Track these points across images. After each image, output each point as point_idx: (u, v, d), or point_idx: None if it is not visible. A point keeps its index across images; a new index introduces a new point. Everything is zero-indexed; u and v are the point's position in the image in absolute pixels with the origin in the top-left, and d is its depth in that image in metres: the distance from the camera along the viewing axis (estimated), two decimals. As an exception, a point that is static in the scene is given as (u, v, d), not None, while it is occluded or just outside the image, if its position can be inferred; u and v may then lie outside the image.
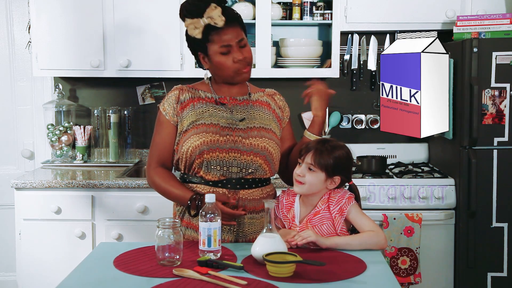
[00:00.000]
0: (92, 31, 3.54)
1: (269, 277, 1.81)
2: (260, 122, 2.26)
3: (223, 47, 2.16)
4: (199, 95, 2.28)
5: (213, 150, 2.17)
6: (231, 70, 2.20)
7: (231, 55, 2.17)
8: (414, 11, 3.56)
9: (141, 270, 1.89)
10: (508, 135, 3.26)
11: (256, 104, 2.30)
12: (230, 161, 2.19)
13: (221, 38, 2.15)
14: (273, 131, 2.27)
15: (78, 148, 3.82)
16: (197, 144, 2.17)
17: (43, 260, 3.31)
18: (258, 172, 2.23)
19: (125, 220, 3.31)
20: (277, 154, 2.27)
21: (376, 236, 2.08)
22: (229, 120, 2.23)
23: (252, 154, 2.20)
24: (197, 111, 2.23)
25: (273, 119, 2.31)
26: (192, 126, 2.22)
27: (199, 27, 2.13)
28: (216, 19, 2.11)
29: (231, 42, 2.16)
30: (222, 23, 2.12)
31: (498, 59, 3.22)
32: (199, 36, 2.15)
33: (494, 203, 3.29)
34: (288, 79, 3.84)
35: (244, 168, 2.20)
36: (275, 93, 2.40)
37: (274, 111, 2.33)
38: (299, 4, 3.65)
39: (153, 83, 3.90)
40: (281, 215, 2.20)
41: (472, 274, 3.32)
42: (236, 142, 2.20)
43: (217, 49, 2.17)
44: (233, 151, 2.19)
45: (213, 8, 2.11)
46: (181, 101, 2.26)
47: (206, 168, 2.19)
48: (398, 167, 3.74)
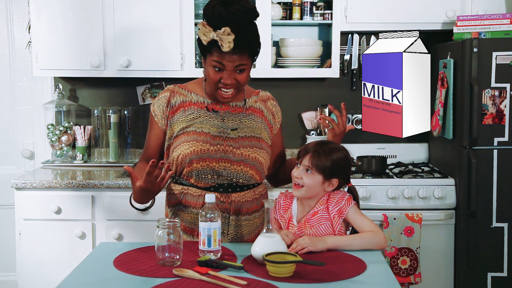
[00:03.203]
0: (92, 31, 3.54)
1: (269, 277, 1.81)
2: (251, 131, 2.25)
3: (218, 63, 2.11)
4: (191, 99, 2.26)
5: (203, 160, 2.17)
6: (214, 87, 2.16)
7: (222, 74, 2.12)
8: (414, 11, 3.56)
9: (141, 270, 1.89)
10: (508, 135, 3.26)
11: (249, 112, 2.28)
12: (220, 171, 2.18)
13: (221, 56, 2.09)
14: (264, 140, 2.27)
15: (78, 148, 3.82)
16: (187, 152, 2.17)
17: (43, 260, 3.31)
18: (249, 182, 2.24)
19: (125, 220, 3.31)
20: (267, 162, 2.28)
21: (376, 236, 2.08)
22: (220, 129, 2.21)
23: (242, 164, 2.19)
24: (188, 117, 2.22)
25: (264, 128, 2.29)
26: (182, 133, 2.21)
27: (208, 38, 2.08)
28: (224, 43, 2.05)
29: (228, 66, 2.11)
30: (227, 49, 2.05)
31: (498, 59, 3.22)
32: (204, 44, 2.11)
33: (494, 203, 3.29)
34: (288, 79, 3.84)
35: (235, 177, 2.20)
36: (268, 98, 2.37)
37: (266, 118, 2.32)
38: (299, 4, 3.66)
39: (153, 83, 3.90)
40: (277, 216, 2.20)
41: (472, 274, 3.32)
42: (226, 152, 2.19)
43: (212, 62, 2.12)
44: (224, 161, 2.18)
45: (227, 33, 2.04)
46: (171, 104, 2.25)
47: (197, 177, 2.20)
48: (398, 167, 3.74)
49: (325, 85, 3.90)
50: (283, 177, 2.40)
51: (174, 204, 2.28)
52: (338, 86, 3.87)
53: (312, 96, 3.91)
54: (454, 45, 3.37)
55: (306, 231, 2.12)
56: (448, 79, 3.37)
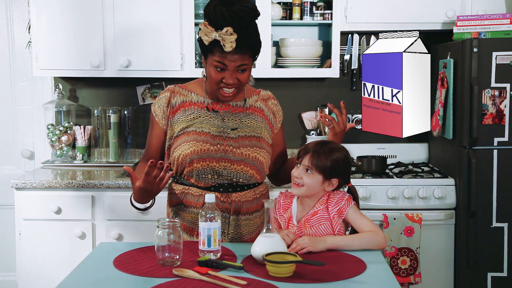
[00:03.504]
0: (92, 31, 3.54)
1: (269, 277, 1.81)
2: (252, 131, 2.25)
3: (220, 63, 2.11)
4: (191, 99, 2.26)
5: (203, 160, 2.17)
6: (216, 87, 2.16)
7: (224, 74, 2.13)
8: (414, 11, 3.56)
9: (141, 270, 1.89)
10: (508, 135, 3.26)
11: (249, 111, 2.28)
12: (220, 171, 2.19)
13: (223, 56, 2.10)
14: (264, 139, 2.27)
15: (78, 148, 3.82)
16: (187, 153, 2.18)
17: (43, 260, 3.31)
18: (249, 181, 2.24)
19: (125, 220, 3.31)
20: (268, 161, 2.28)
21: (375, 236, 2.09)
22: (220, 129, 2.22)
23: (242, 164, 2.20)
24: (188, 117, 2.23)
25: (265, 127, 2.30)
26: (183, 133, 2.22)
27: (210, 37, 2.09)
28: (226, 43, 2.06)
29: (229, 66, 2.11)
30: (229, 49, 2.06)
31: (498, 59, 3.22)
32: (206, 44, 2.11)
33: (494, 203, 3.29)
34: (288, 79, 3.84)
35: (235, 177, 2.20)
36: (269, 97, 2.37)
37: (266, 118, 2.32)
38: (299, 4, 3.66)
39: (153, 83, 3.90)
40: (277, 215, 2.20)
41: (472, 274, 3.32)
42: (226, 151, 2.19)
43: (214, 62, 2.12)
44: (224, 161, 2.18)
45: (229, 33, 2.05)
46: (172, 104, 2.25)
47: (197, 177, 2.20)
48: (398, 167, 3.74)
49: (325, 85, 3.90)
50: (284, 176, 2.40)
51: (175, 203, 2.28)
52: (338, 86, 3.87)
53: (312, 96, 3.91)
54: (454, 45, 3.37)
55: (306, 231, 2.12)
56: (448, 79, 3.37)
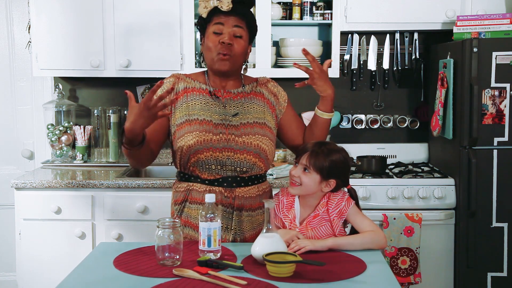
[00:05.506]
0: (92, 31, 3.54)
1: (269, 277, 1.81)
2: (254, 117, 2.27)
3: (217, 25, 2.20)
4: (194, 86, 2.30)
5: (207, 150, 2.19)
6: (214, 53, 2.21)
7: (220, 36, 2.20)
8: (414, 11, 3.56)
9: (141, 270, 1.89)
10: (508, 135, 3.26)
11: (250, 96, 2.32)
12: (224, 160, 2.20)
13: (219, 17, 2.20)
14: (267, 125, 2.28)
15: (78, 148, 3.82)
16: (190, 143, 2.19)
17: (43, 260, 3.31)
18: (253, 170, 2.24)
19: (125, 220, 3.31)
20: (271, 148, 2.28)
21: (376, 236, 2.09)
22: (222, 116, 2.24)
23: (245, 152, 2.21)
24: (190, 103, 2.25)
25: (267, 111, 2.32)
26: (185, 121, 2.23)
27: (208, 7, 2.20)
28: (224, 4, 2.17)
29: (227, 25, 2.20)
30: (227, 8, 2.18)
31: (498, 59, 3.22)
32: (204, 16, 2.22)
33: (494, 203, 3.29)
34: (288, 79, 3.83)
35: (239, 166, 2.21)
36: (268, 81, 2.42)
37: (268, 101, 2.34)
38: (299, 4, 3.65)
39: (153, 83, 3.90)
40: (281, 215, 2.20)
41: (472, 274, 3.32)
42: (229, 140, 2.21)
43: (212, 28, 2.21)
44: (227, 150, 2.20)
45: None
46: (176, 90, 2.29)
47: (201, 167, 2.21)
48: (398, 167, 3.74)
49: (325, 85, 3.89)
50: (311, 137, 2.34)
51: (180, 201, 2.29)
52: (338, 86, 3.86)
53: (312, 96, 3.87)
54: (454, 45, 3.37)
55: (307, 234, 2.12)
56: (448, 79, 3.37)
